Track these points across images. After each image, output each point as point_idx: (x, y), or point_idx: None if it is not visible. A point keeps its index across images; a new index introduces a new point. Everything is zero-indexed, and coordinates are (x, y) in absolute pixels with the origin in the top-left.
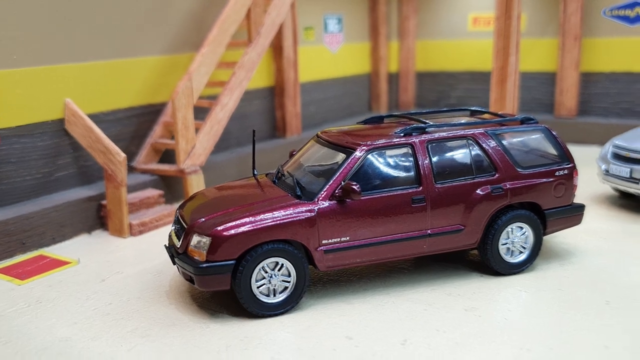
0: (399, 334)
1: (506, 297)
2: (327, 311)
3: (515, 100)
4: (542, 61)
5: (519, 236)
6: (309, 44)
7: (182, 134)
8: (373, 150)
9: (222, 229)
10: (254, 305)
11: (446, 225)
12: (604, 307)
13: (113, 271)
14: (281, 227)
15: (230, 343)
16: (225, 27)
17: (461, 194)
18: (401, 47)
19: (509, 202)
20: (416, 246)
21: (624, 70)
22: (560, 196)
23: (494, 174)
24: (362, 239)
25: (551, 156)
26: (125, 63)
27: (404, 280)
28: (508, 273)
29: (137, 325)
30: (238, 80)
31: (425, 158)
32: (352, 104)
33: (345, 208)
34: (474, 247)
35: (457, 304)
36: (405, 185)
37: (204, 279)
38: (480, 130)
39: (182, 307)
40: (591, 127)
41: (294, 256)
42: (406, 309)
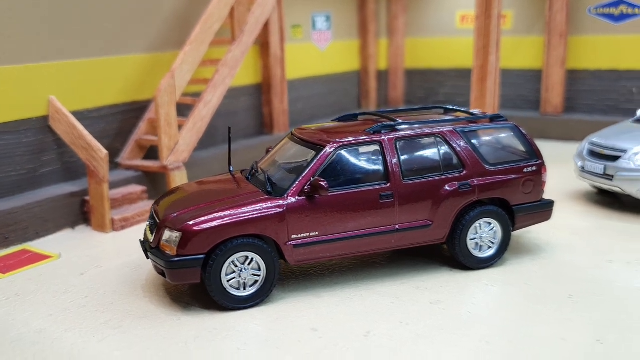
0: (363, 326)
1: (472, 291)
2: (296, 304)
3: (496, 97)
4: (529, 59)
5: (487, 231)
6: (296, 42)
7: (165, 130)
8: (342, 147)
9: (192, 224)
10: (224, 299)
11: (414, 220)
12: (566, 301)
13: (92, 265)
14: (250, 222)
15: (199, 334)
16: (208, 26)
17: (429, 190)
18: (390, 45)
19: (477, 198)
20: (385, 241)
21: (609, 67)
22: (528, 192)
23: (462, 171)
24: (331, 234)
25: (520, 153)
26: (110, 61)
27: (375, 274)
28: (477, 267)
29: (110, 317)
30: (221, 77)
31: (394, 155)
32: (340, 100)
33: (314, 204)
34: (443, 242)
35: (424, 297)
36: (374, 182)
37: (175, 273)
38: (448, 128)
39: (155, 299)
40: (576, 124)
41: (263, 251)
42: (373, 302)
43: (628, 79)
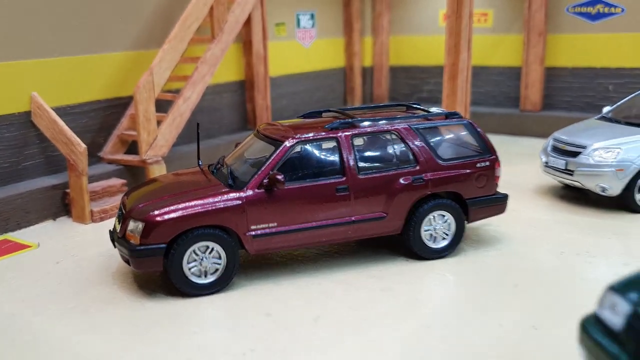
0: (315, 311)
1: (423, 280)
2: (255, 291)
3: (467, 95)
4: (509, 56)
5: (441, 223)
6: (280, 40)
7: (144, 126)
8: (300, 143)
9: (154, 214)
10: (186, 286)
11: (369, 212)
12: (511, 289)
13: (69, 254)
14: (211, 213)
15: (159, 319)
16: (187, 25)
17: (383, 184)
18: (375, 43)
19: (430, 192)
20: (341, 232)
21: (586, 65)
22: (482, 186)
23: (416, 166)
24: (289, 225)
25: (474, 149)
26: (92, 59)
27: (334, 263)
28: (431, 257)
29: (78, 303)
30: (201, 75)
31: (350, 151)
32: (326, 97)
33: (273, 196)
34: (398, 233)
35: (376, 285)
36: (330, 176)
37: (138, 261)
38: (403, 125)
39: (123, 286)
40: (555, 121)
41: (223, 241)
42: (327, 289)
43: (604, 76)
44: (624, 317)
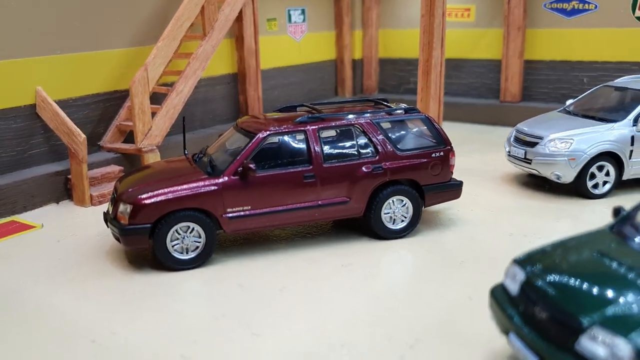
0: (281, 283)
1: (380, 257)
2: (232, 266)
3: (440, 89)
4: (490, 50)
5: (399, 207)
6: (272, 34)
7: (139, 117)
8: (271, 135)
9: (140, 198)
10: (169, 261)
11: (334, 197)
12: (457, 266)
13: (69, 234)
14: (190, 197)
15: (145, 289)
16: (179, 24)
17: (346, 172)
18: (364, 36)
19: (389, 179)
20: (309, 214)
21: (562, 58)
22: (437, 174)
23: (376, 156)
24: (261, 208)
25: (430, 140)
26: (93, 55)
27: (305, 243)
28: (391, 238)
29: (75, 276)
30: (192, 69)
31: (317, 142)
32: (317, 88)
33: (247, 183)
34: (360, 215)
35: (338, 261)
36: (299, 165)
37: (127, 239)
38: (365, 119)
39: (115, 262)
40: (533, 112)
41: (202, 221)
42: (295, 264)
43: (579, 69)
44: (519, 284)
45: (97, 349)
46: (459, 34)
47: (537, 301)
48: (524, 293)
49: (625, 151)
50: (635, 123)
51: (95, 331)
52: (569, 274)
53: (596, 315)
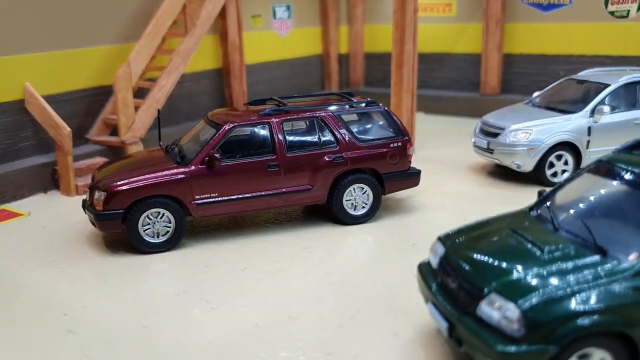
0: (244, 263)
1: (340, 240)
2: (201, 249)
3: (413, 82)
4: (471, 44)
5: (360, 194)
6: (257, 30)
7: (123, 111)
8: (237, 127)
9: (113, 186)
10: (141, 244)
11: (297, 185)
12: (409, 247)
13: (53, 221)
14: (160, 185)
15: (117, 270)
16: (161, 22)
17: (309, 161)
18: (350, 31)
19: (349, 168)
20: (273, 201)
21: (540, 52)
22: (395, 163)
23: (337, 146)
24: (228, 195)
25: (388, 132)
26: (79, 52)
27: (272, 228)
28: (352, 223)
29: (55, 258)
30: (175, 65)
31: (280, 133)
32: (303, 82)
33: (214, 171)
34: (324, 202)
35: (300, 244)
36: (263, 154)
37: (101, 224)
38: (327, 112)
39: (93, 245)
40: (512, 104)
41: (172, 208)
42: (260, 247)
43: (556, 62)
44: (439, 258)
45: (68, 320)
46: (440, 29)
47: (450, 273)
48: (441, 266)
49: (582, 141)
50: (592, 114)
51: (68, 305)
52: (480, 249)
53: (495, 283)
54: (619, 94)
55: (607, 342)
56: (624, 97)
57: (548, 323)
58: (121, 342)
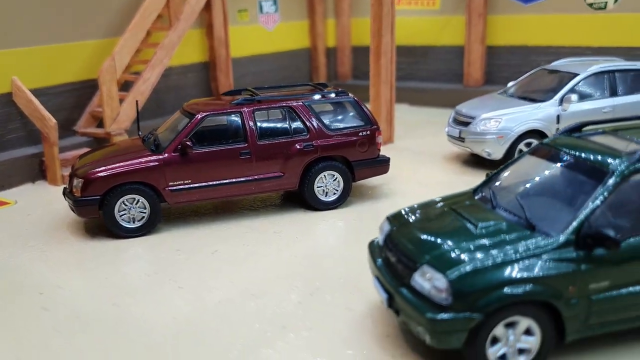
0: (215, 246)
1: (310, 225)
2: (175, 234)
3: (391, 74)
4: (455, 36)
5: (331, 181)
6: (243, 24)
7: (108, 103)
8: (208, 116)
9: (90, 173)
10: (117, 229)
11: (269, 172)
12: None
13: (38, 209)
14: (134, 172)
15: (96, 254)
16: (145, 16)
17: (280, 149)
18: (337, 25)
19: (320, 156)
20: (246, 187)
21: (521, 44)
22: (364, 151)
23: (307, 135)
24: (201, 181)
25: (358, 121)
26: (67, 47)
27: (246, 214)
28: (323, 209)
29: (37, 243)
30: (159, 58)
31: (251, 122)
32: (292, 75)
33: (187, 159)
34: (295, 189)
35: (272, 228)
36: (235, 142)
37: (79, 209)
38: (298, 101)
39: (73, 231)
40: None
41: (147, 194)
42: (233, 232)
43: (536, 53)
44: (384, 236)
45: (43, 299)
46: (425, 22)
47: (392, 248)
48: (386, 243)
49: (551, 129)
50: (560, 103)
51: (44, 285)
52: (420, 226)
53: (428, 256)
54: (588, 83)
55: (532, 311)
56: (592, 86)
57: (474, 292)
58: (91, 318)
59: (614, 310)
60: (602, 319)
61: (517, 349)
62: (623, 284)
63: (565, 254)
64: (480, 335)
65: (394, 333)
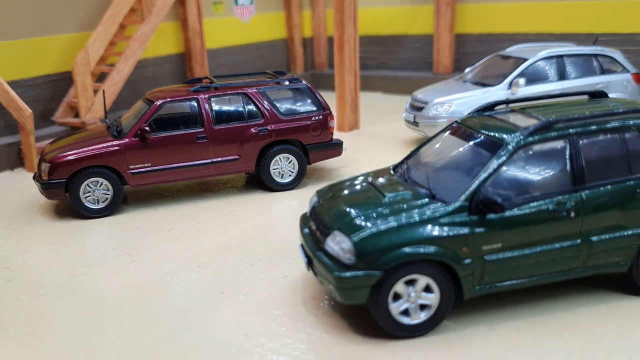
0: (171, 224)
1: (264, 205)
2: (137, 214)
3: (355, 62)
4: (425, 25)
5: (286, 164)
6: (218, 16)
7: (82, 94)
8: (166, 103)
9: (56, 158)
10: (83, 210)
11: (226, 155)
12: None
13: (14, 194)
14: (97, 156)
15: (61, 232)
16: (117, 10)
17: (236, 133)
18: (313, 15)
19: (274, 139)
20: (204, 170)
21: (488, 31)
22: (318, 135)
23: (261, 120)
24: (160, 164)
25: (310, 106)
26: (44, 40)
27: (206, 195)
28: (280, 190)
29: (8, 224)
30: (132, 50)
31: (208, 108)
32: (269, 65)
33: (146, 143)
34: (252, 171)
35: (228, 208)
36: (192, 127)
37: (46, 192)
38: (252, 88)
39: (43, 213)
40: None
41: (109, 177)
42: (190, 211)
43: (503, 41)
44: (311, 207)
45: (7, 272)
46: (397, 11)
47: (314, 218)
48: (311, 214)
49: None
50: (509, 87)
51: (11, 261)
52: (339, 197)
53: (338, 223)
54: (537, 68)
55: (430, 270)
56: (542, 71)
57: (374, 252)
58: (50, 287)
59: (507, 270)
60: (496, 278)
61: (419, 304)
62: (514, 246)
63: (459, 218)
64: (382, 291)
65: (319, 296)
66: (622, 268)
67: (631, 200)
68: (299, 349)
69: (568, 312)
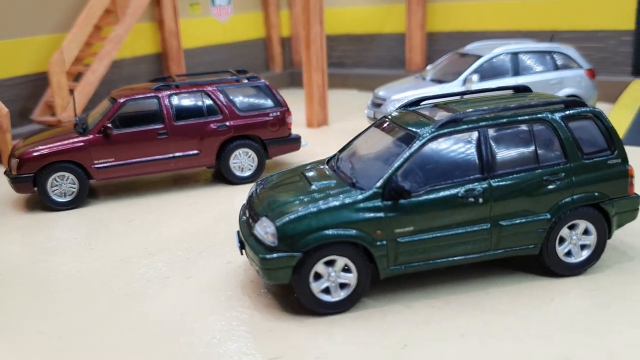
0: (133, 217)
1: (223, 198)
2: (102, 206)
3: (322, 61)
4: (397, 24)
5: (245, 158)
6: (195, 17)
7: (58, 93)
8: (128, 101)
9: (24, 153)
10: (50, 203)
11: (186, 150)
12: None
13: None
14: (63, 152)
15: (31, 224)
16: (91, 12)
17: (195, 129)
18: (291, 15)
19: (233, 135)
20: (166, 164)
21: (458, 29)
22: (276, 130)
23: (220, 116)
24: (123, 159)
25: (268, 102)
26: (21, 41)
27: (168, 190)
28: (239, 183)
29: None
30: (107, 51)
31: (168, 105)
32: (247, 64)
33: (109, 139)
34: (212, 165)
35: (186, 201)
36: (153, 124)
37: (17, 186)
38: (212, 86)
39: (14, 206)
40: None
41: (75, 171)
42: (152, 204)
43: (473, 38)
44: (249, 196)
45: None
46: (370, 11)
47: (249, 206)
48: (247, 202)
49: None
50: (464, 83)
51: None
52: (273, 187)
53: (266, 211)
54: (493, 65)
55: (347, 251)
56: (497, 67)
57: (294, 235)
58: (10, 273)
59: (419, 252)
60: (409, 258)
61: (339, 283)
62: (425, 229)
63: (373, 204)
64: (303, 271)
65: (257, 279)
66: (533, 251)
67: (539, 187)
68: (230, 325)
69: (481, 292)
